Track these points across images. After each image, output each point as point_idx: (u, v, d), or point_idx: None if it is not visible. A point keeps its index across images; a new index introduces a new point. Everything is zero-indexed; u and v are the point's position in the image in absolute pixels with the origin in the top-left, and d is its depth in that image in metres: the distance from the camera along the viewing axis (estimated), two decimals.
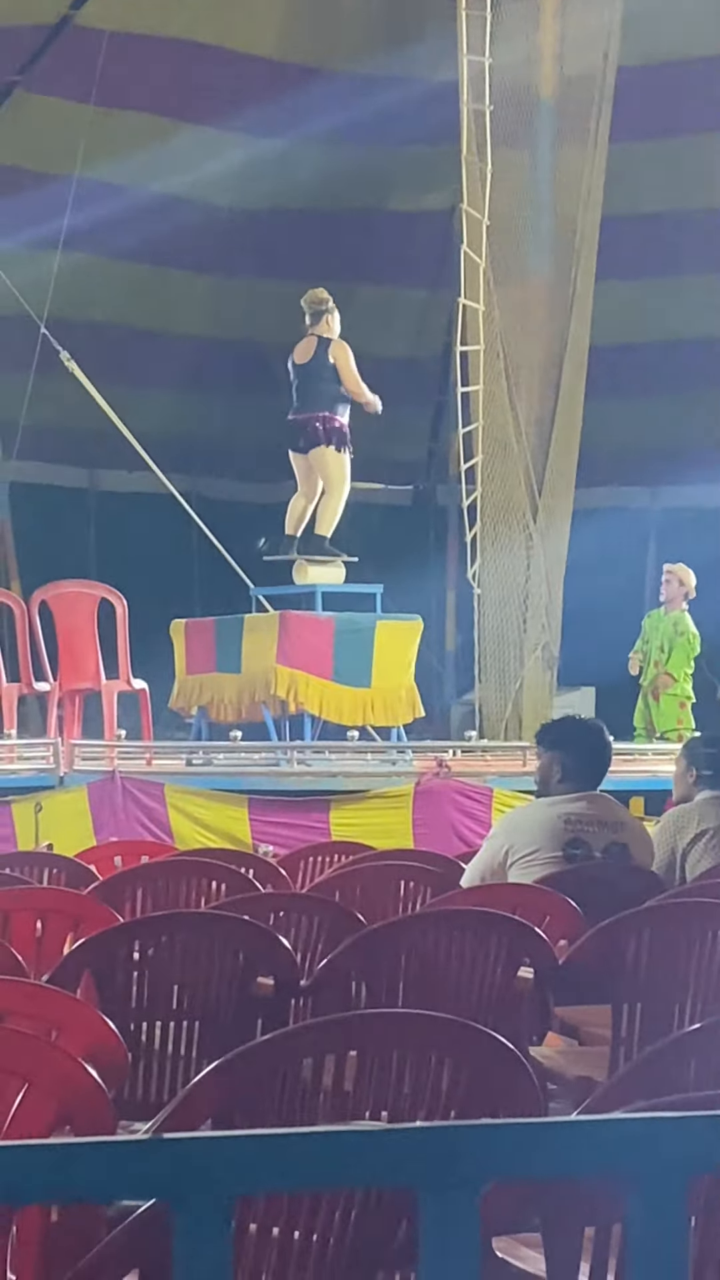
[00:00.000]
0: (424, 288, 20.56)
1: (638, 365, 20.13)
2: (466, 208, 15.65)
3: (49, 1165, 1.96)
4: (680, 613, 16.10)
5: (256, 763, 13.74)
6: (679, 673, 15.94)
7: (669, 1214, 2.04)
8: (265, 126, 19.11)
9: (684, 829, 7.42)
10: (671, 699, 15.95)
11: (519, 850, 7.00)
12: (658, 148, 19.08)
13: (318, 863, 8.67)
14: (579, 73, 15.75)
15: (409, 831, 12.08)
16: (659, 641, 16.05)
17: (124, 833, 11.49)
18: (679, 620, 16.05)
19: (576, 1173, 2.35)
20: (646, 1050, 4.13)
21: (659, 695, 15.98)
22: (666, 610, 16.20)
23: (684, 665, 16.00)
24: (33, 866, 7.85)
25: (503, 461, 15.52)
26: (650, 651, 16.09)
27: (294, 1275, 3.30)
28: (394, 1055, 3.67)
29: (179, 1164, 1.96)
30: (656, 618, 16.21)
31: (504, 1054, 3.58)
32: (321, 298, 14.52)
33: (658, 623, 16.16)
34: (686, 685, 16.03)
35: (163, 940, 5.55)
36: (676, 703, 15.96)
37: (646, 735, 15.73)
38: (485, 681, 15.65)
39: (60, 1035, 4.03)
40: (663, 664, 15.95)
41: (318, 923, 6.21)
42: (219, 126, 19.00)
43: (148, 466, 16.26)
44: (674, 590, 16.20)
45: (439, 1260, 1.98)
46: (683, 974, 5.50)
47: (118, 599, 14.02)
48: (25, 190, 17.70)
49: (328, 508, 14.56)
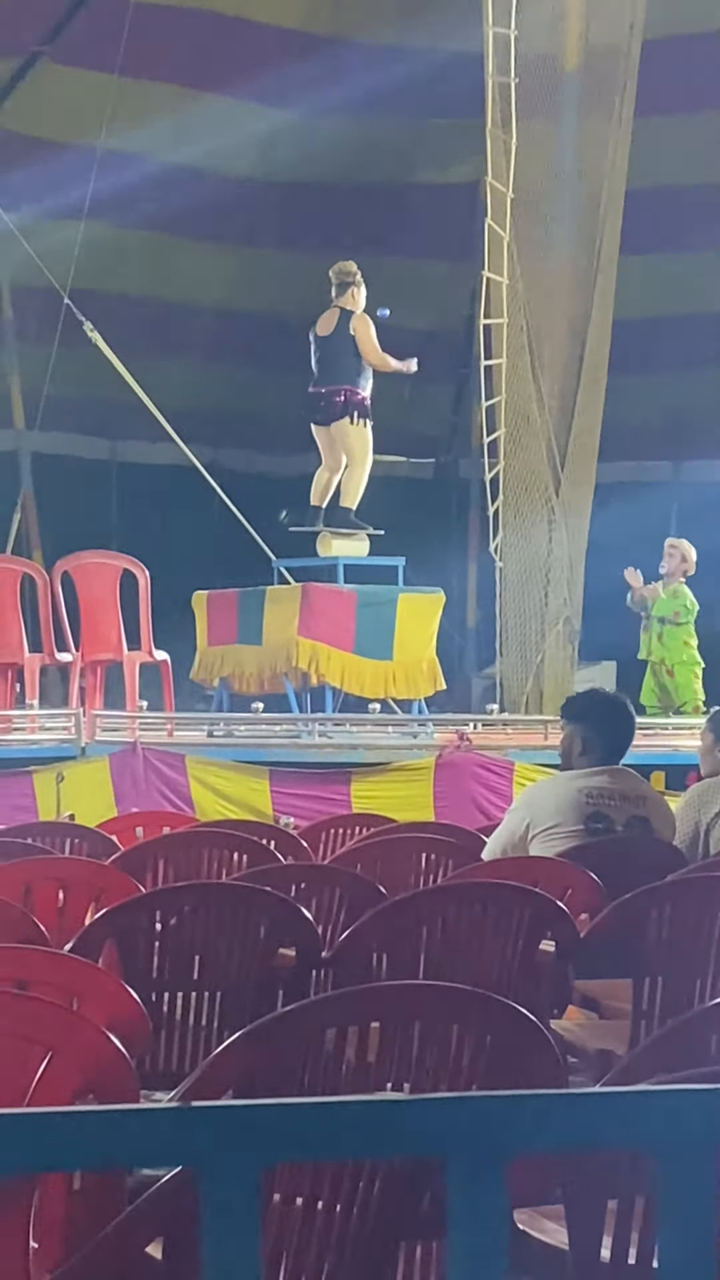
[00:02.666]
0: (447, 261, 20.51)
1: (661, 339, 20.11)
2: (491, 181, 15.61)
3: (79, 1131, 1.96)
4: (679, 584, 16.09)
5: (278, 734, 13.75)
6: (681, 641, 15.94)
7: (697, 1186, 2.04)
8: (288, 98, 19.08)
9: (709, 804, 7.40)
10: (685, 668, 15.94)
11: (540, 824, 6.99)
12: (683, 121, 19.01)
13: (339, 835, 8.67)
14: (604, 45, 15.69)
15: (430, 804, 12.08)
16: (660, 613, 16.03)
17: (145, 804, 11.49)
18: (678, 591, 16.06)
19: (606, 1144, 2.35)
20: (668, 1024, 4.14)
21: (673, 669, 15.97)
22: (665, 583, 16.17)
23: (687, 632, 16.01)
24: (55, 837, 7.85)
25: (525, 435, 15.49)
26: (652, 624, 16.07)
27: (317, 1245, 3.31)
28: (416, 1027, 3.67)
29: (208, 1131, 1.96)
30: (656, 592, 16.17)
31: (525, 1026, 3.59)
32: (350, 270, 14.49)
33: (658, 596, 16.12)
34: (694, 652, 16.02)
35: (184, 911, 5.55)
36: (690, 673, 15.96)
37: (661, 710, 15.70)
38: (506, 655, 15.64)
39: (83, 1005, 4.04)
40: (668, 636, 15.95)
41: (339, 894, 6.22)
42: (242, 98, 18.96)
43: (170, 438, 16.27)
44: (675, 564, 16.19)
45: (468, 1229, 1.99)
46: (704, 948, 5.50)
47: (140, 570, 14.02)
48: (49, 161, 17.68)
49: (352, 480, 14.53)
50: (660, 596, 16.10)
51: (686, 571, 16.13)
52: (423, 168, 20.55)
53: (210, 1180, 1.97)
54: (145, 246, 19.73)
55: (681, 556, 16.17)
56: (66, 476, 20.17)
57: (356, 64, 18.69)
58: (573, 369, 15.62)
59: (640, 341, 18.58)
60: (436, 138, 19.87)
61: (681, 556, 16.17)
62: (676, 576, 16.11)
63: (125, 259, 19.31)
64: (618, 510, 17.31)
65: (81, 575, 13.98)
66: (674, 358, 20.60)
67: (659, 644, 16.01)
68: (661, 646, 15.99)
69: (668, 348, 20.35)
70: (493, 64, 15.55)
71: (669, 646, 15.97)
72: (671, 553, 16.24)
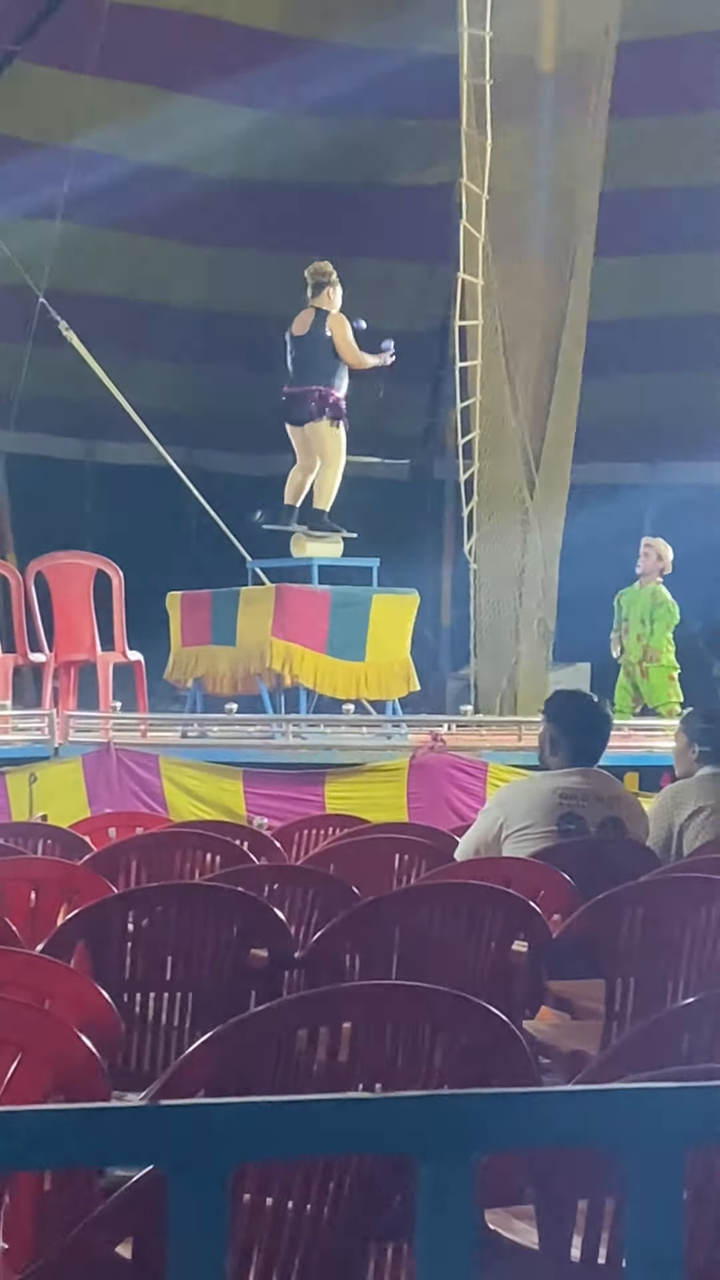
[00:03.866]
0: (423, 262, 20.51)
1: (636, 341, 20.12)
2: (466, 182, 15.61)
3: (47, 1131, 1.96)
4: (656, 585, 16.02)
5: (251, 735, 13.75)
6: (661, 643, 15.88)
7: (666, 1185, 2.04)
8: (264, 98, 19.08)
9: (682, 805, 7.41)
10: (660, 672, 15.86)
11: (513, 824, 6.99)
12: (658, 123, 19.04)
13: (312, 835, 8.67)
14: (580, 47, 15.69)
15: (403, 805, 12.09)
16: (639, 614, 15.95)
17: (118, 804, 11.49)
18: (656, 592, 15.97)
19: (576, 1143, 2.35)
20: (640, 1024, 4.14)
21: (647, 671, 15.91)
22: (642, 583, 16.10)
23: (665, 635, 15.94)
24: (27, 837, 7.85)
25: (500, 436, 15.50)
26: (631, 626, 16.01)
27: (287, 1246, 3.30)
28: (388, 1027, 3.67)
29: (177, 1130, 1.96)
30: (632, 593, 16.11)
31: (498, 1026, 3.59)
32: (325, 270, 14.48)
33: (635, 597, 16.06)
34: (671, 656, 15.96)
35: (157, 911, 5.55)
36: (666, 675, 15.89)
37: (632, 711, 15.65)
38: (481, 656, 15.65)
39: (54, 1005, 4.03)
40: (645, 636, 15.88)
41: (312, 895, 6.22)
42: (218, 98, 18.95)
43: (145, 438, 16.24)
44: (651, 563, 16.10)
45: (436, 1228, 1.99)
46: (676, 949, 5.51)
47: (114, 570, 14.01)
48: (24, 160, 17.66)
49: (325, 481, 14.53)
50: (636, 593, 16.04)
51: (663, 570, 16.05)
52: (398, 169, 20.55)
53: (179, 1180, 1.96)
54: (120, 246, 19.72)
55: (657, 555, 16.10)
56: (41, 477, 20.14)
57: (332, 65, 18.68)
58: (547, 370, 15.62)
59: (615, 343, 18.59)
60: (412, 139, 19.88)
61: (657, 555, 16.10)
62: (653, 576, 16.04)
63: (100, 259, 19.30)
64: (592, 512, 17.30)
65: (55, 575, 13.96)
66: (649, 359, 20.62)
67: (636, 644, 15.95)
68: (639, 646, 15.94)
69: (642, 349, 20.37)
70: (468, 65, 15.55)
71: (649, 647, 15.90)
72: (648, 552, 16.16)
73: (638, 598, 16.00)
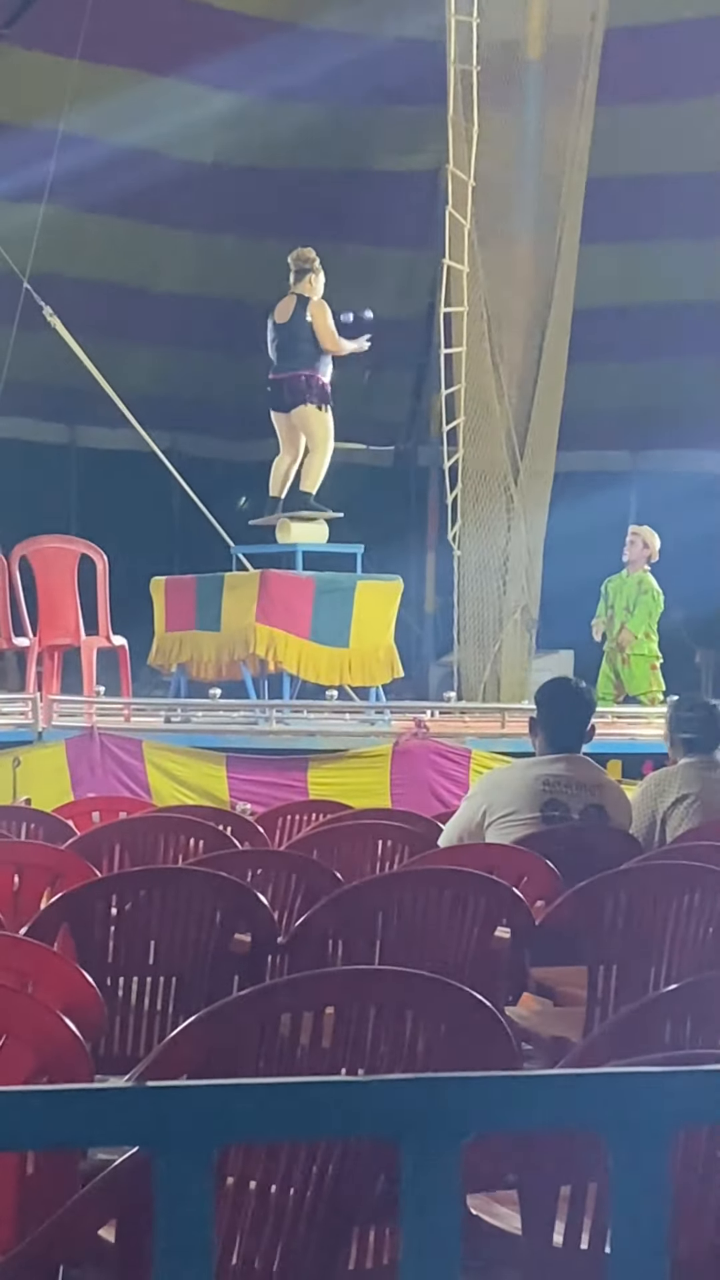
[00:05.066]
0: (408, 248, 20.50)
1: (621, 329, 20.12)
2: (452, 168, 15.61)
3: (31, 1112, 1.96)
4: (643, 573, 16.00)
5: (235, 721, 13.75)
6: (642, 631, 15.86)
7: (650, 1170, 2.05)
8: (249, 83, 19.04)
9: (664, 793, 7.43)
10: (641, 660, 15.84)
11: (496, 811, 7.00)
12: (644, 110, 19.03)
13: (295, 821, 8.68)
14: (567, 33, 15.70)
15: (387, 791, 12.11)
16: (624, 602, 15.93)
17: (102, 789, 11.48)
18: (643, 579, 15.95)
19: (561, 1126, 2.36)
20: (623, 1010, 4.14)
21: (628, 658, 15.89)
22: (629, 571, 16.08)
23: (648, 624, 15.90)
24: (10, 821, 7.84)
25: (485, 423, 15.50)
26: (615, 613, 15.99)
27: (271, 1228, 3.31)
28: (371, 1012, 3.67)
29: (162, 1112, 1.96)
30: (619, 580, 16.09)
31: (481, 1011, 3.59)
32: (308, 257, 14.47)
33: (621, 584, 16.05)
34: (653, 645, 15.94)
35: (140, 896, 5.55)
36: (647, 664, 15.86)
37: (614, 699, 15.64)
38: (464, 643, 15.66)
39: (37, 988, 4.03)
40: (627, 622, 15.87)
41: (295, 880, 6.23)
42: (203, 83, 18.91)
43: (129, 423, 16.22)
44: (637, 551, 16.08)
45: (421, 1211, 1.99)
46: (659, 936, 5.51)
47: (98, 555, 13.99)
48: (9, 143, 17.62)
49: (313, 465, 14.52)
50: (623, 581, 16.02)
51: (650, 559, 16.03)
52: (384, 154, 20.52)
53: (165, 1162, 1.96)
54: (105, 230, 19.69)
55: (644, 543, 16.08)
56: (25, 461, 20.12)
57: (318, 50, 18.65)
58: (533, 357, 15.63)
59: (600, 330, 18.59)
60: (398, 124, 19.85)
61: (644, 543, 16.08)
62: (640, 564, 16.02)
63: (85, 243, 19.26)
64: (577, 499, 17.30)
65: (39, 560, 13.94)
66: (634, 347, 20.61)
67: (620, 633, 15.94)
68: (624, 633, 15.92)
69: (628, 337, 20.37)
70: (455, 51, 15.55)
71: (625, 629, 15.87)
72: (634, 540, 16.15)
73: (624, 585, 15.99)
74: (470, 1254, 2.21)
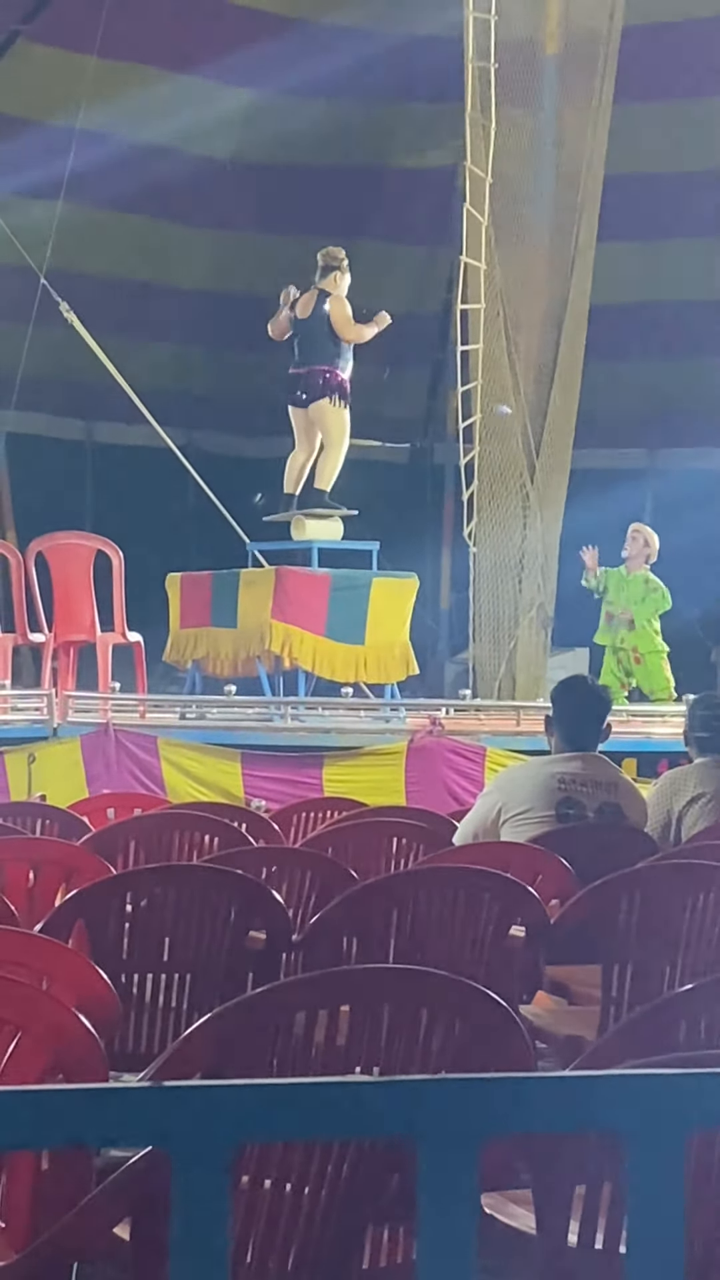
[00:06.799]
0: (425, 245, 20.50)
1: (638, 326, 20.11)
2: (470, 165, 15.60)
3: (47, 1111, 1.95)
4: (646, 570, 15.97)
5: (250, 717, 13.75)
6: (653, 627, 15.86)
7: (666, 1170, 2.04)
8: (266, 80, 19.06)
9: (680, 792, 7.41)
10: (656, 657, 15.85)
11: (511, 809, 6.99)
12: (663, 108, 19.02)
13: (310, 818, 8.67)
14: (584, 30, 15.68)
15: (401, 789, 12.09)
16: (630, 600, 15.90)
17: (117, 785, 11.49)
18: (648, 579, 15.93)
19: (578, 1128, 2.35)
20: (638, 1010, 4.14)
21: (642, 656, 15.87)
22: (629, 570, 16.04)
23: (655, 621, 15.90)
24: (25, 817, 7.84)
25: (501, 420, 15.48)
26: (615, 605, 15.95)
27: (285, 1227, 3.31)
28: (385, 1010, 3.67)
29: (179, 1112, 1.96)
30: (619, 576, 16.04)
31: (496, 1010, 3.58)
32: (337, 255, 14.50)
33: (622, 581, 16.00)
34: (662, 640, 15.92)
35: (155, 893, 5.54)
36: (661, 660, 15.87)
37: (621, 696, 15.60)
38: (480, 641, 15.64)
39: (52, 985, 4.03)
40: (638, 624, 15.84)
41: (310, 878, 6.22)
42: (221, 79, 18.93)
43: (145, 419, 16.23)
44: (638, 549, 16.04)
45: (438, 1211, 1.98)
46: (673, 935, 5.50)
47: (114, 551, 14.00)
48: (27, 139, 17.63)
49: (328, 461, 14.52)
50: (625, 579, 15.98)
51: (649, 557, 16.01)
52: (401, 151, 20.53)
53: (182, 1161, 1.96)
54: (122, 227, 19.70)
55: (644, 541, 16.06)
56: (41, 457, 20.14)
57: (336, 47, 18.65)
58: (549, 355, 15.61)
59: (617, 328, 18.58)
60: (415, 121, 19.85)
61: (644, 541, 16.06)
62: (639, 562, 15.99)
63: (102, 239, 19.27)
64: (593, 497, 17.28)
65: (55, 556, 13.95)
66: (651, 345, 20.61)
67: (629, 631, 15.92)
68: (632, 634, 15.90)
69: (645, 335, 20.36)
70: (472, 48, 15.53)
71: (640, 634, 15.87)
72: (635, 537, 16.13)
73: (626, 583, 15.95)
74: (484, 1253, 2.21)
